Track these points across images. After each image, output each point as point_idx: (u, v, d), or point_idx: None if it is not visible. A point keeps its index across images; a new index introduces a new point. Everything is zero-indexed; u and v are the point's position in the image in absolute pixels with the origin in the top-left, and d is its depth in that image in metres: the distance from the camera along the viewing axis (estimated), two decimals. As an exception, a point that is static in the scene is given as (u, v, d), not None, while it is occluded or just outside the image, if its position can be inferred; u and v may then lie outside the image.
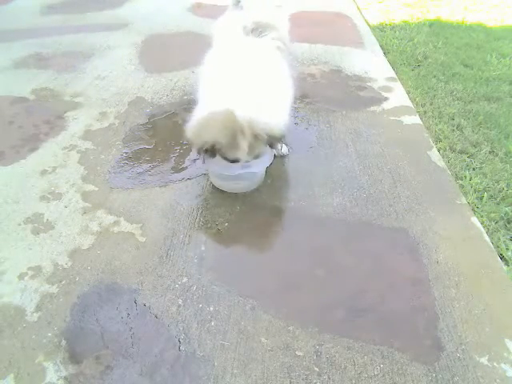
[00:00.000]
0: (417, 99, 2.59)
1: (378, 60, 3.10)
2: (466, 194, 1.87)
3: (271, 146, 1.67)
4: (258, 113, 1.54)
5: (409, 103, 2.51)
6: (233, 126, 1.51)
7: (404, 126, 2.29)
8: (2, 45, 3.24)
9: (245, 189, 1.85)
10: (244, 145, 1.55)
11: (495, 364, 1.24)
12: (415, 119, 2.37)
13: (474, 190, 1.91)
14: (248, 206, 1.78)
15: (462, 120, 2.40)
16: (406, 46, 3.35)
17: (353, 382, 1.19)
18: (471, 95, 2.65)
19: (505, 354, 1.26)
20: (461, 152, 2.16)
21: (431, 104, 2.57)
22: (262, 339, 1.29)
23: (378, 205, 1.78)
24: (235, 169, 1.73)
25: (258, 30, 1.80)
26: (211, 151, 1.60)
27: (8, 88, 2.64)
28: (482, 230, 1.68)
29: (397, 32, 3.65)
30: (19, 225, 1.68)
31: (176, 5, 4.10)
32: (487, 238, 1.64)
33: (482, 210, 1.81)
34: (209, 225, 1.69)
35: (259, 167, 1.76)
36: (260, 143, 1.58)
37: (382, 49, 3.29)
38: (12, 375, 1.20)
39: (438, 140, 2.24)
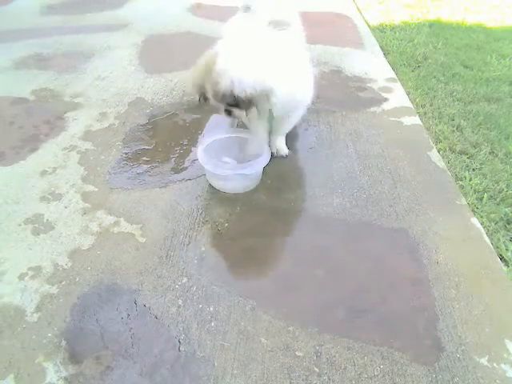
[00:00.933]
0: (417, 100, 2.59)
1: (378, 61, 3.10)
2: (465, 194, 1.88)
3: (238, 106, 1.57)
4: (235, 63, 1.48)
5: (409, 104, 2.51)
6: (208, 69, 1.51)
7: (404, 126, 2.29)
8: (3, 45, 3.25)
9: (242, 189, 1.85)
10: (209, 93, 1.55)
11: (495, 365, 1.24)
12: (415, 120, 2.37)
13: (474, 190, 1.91)
14: (248, 206, 1.79)
15: (462, 121, 2.40)
16: (406, 47, 3.35)
17: (353, 383, 1.19)
18: (471, 96, 2.66)
19: (505, 355, 1.26)
20: (461, 153, 2.16)
21: (431, 105, 2.57)
22: (262, 340, 1.29)
23: (378, 205, 1.78)
24: (226, 169, 1.73)
25: (274, 26, 1.76)
26: (203, 97, 1.64)
27: (8, 88, 2.64)
28: (482, 230, 1.68)
29: (397, 33, 3.65)
30: (19, 225, 1.68)
31: (176, 5, 4.10)
32: (487, 239, 1.64)
33: (481, 211, 1.81)
34: (209, 225, 1.69)
35: (251, 169, 1.76)
36: (224, 100, 1.54)
37: (382, 49, 3.29)
38: (12, 375, 1.20)
39: (437, 141, 2.24)
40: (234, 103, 1.54)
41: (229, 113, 1.63)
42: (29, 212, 1.74)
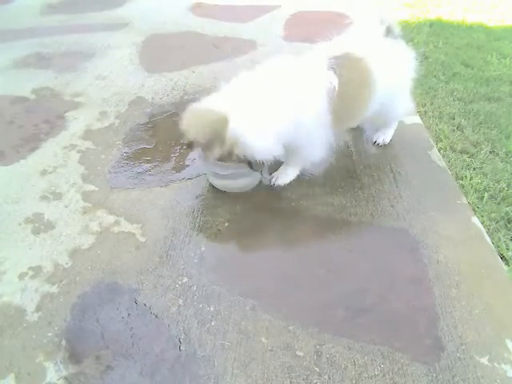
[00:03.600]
0: (417, 99, 2.59)
1: (379, 60, 3.09)
2: (466, 193, 1.87)
3: (250, 166, 1.66)
4: (247, 133, 1.52)
5: (409, 103, 2.51)
6: (217, 133, 1.52)
7: (404, 125, 2.29)
8: (3, 44, 3.25)
9: (242, 188, 1.85)
10: (216, 154, 1.58)
11: (496, 364, 1.24)
12: (415, 119, 2.36)
13: (475, 189, 1.91)
14: (248, 205, 1.78)
15: (463, 120, 2.40)
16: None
17: (353, 382, 1.19)
18: (472, 95, 2.65)
19: (505, 355, 1.26)
20: (461, 152, 2.16)
21: (431, 104, 2.57)
22: (263, 339, 1.29)
23: (378, 205, 1.78)
24: (226, 168, 1.73)
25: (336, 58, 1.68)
26: (189, 145, 1.66)
27: (8, 87, 2.64)
28: (483, 229, 1.68)
29: (397, 32, 3.64)
30: (19, 225, 1.68)
31: (176, 5, 4.10)
32: (488, 238, 1.64)
33: (482, 210, 1.80)
34: (209, 225, 1.69)
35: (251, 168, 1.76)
36: (234, 160, 1.61)
37: (383, 49, 3.28)
38: (12, 375, 1.20)
39: (438, 140, 2.24)
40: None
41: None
42: (29, 211, 1.74)
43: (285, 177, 1.88)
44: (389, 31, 1.81)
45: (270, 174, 1.88)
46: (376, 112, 1.88)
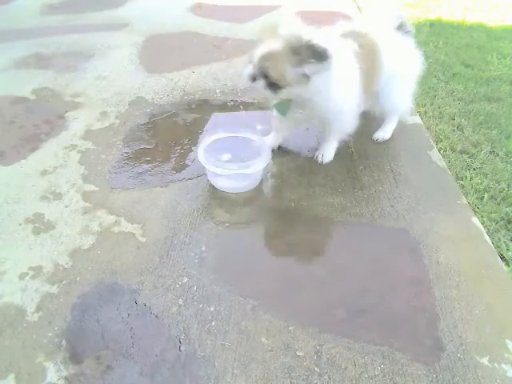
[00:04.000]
0: (417, 99, 2.59)
1: (379, 60, 3.09)
2: (466, 194, 1.87)
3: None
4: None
5: (409, 103, 2.51)
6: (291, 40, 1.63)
7: (404, 125, 2.29)
8: (3, 45, 3.25)
9: (243, 189, 1.85)
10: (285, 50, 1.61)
11: (496, 365, 1.24)
12: (415, 119, 2.37)
13: (475, 190, 1.91)
14: (248, 206, 1.79)
15: (463, 120, 2.40)
16: (406, 46, 3.35)
17: (353, 383, 1.19)
18: (472, 95, 2.65)
19: (505, 355, 1.26)
20: (461, 152, 2.16)
21: (432, 104, 2.57)
22: (263, 339, 1.29)
23: (378, 205, 1.78)
24: (226, 169, 1.73)
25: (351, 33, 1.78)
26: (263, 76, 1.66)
27: (8, 88, 2.64)
28: (483, 230, 1.68)
29: (397, 32, 3.64)
30: (20, 225, 1.68)
31: (176, 5, 4.10)
32: (488, 239, 1.64)
33: (482, 211, 1.81)
34: (209, 225, 1.69)
35: (251, 169, 1.76)
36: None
37: (383, 49, 3.28)
38: (12, 375, 1.20)
39: (438, 140, 2.24)
40: (302, 58, 1.59)
41: (271, 87, 1.66)
42: (29, 211, 1.74)
43: (328, 152, 2.01)
44: (401, 26, 1.91)
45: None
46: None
